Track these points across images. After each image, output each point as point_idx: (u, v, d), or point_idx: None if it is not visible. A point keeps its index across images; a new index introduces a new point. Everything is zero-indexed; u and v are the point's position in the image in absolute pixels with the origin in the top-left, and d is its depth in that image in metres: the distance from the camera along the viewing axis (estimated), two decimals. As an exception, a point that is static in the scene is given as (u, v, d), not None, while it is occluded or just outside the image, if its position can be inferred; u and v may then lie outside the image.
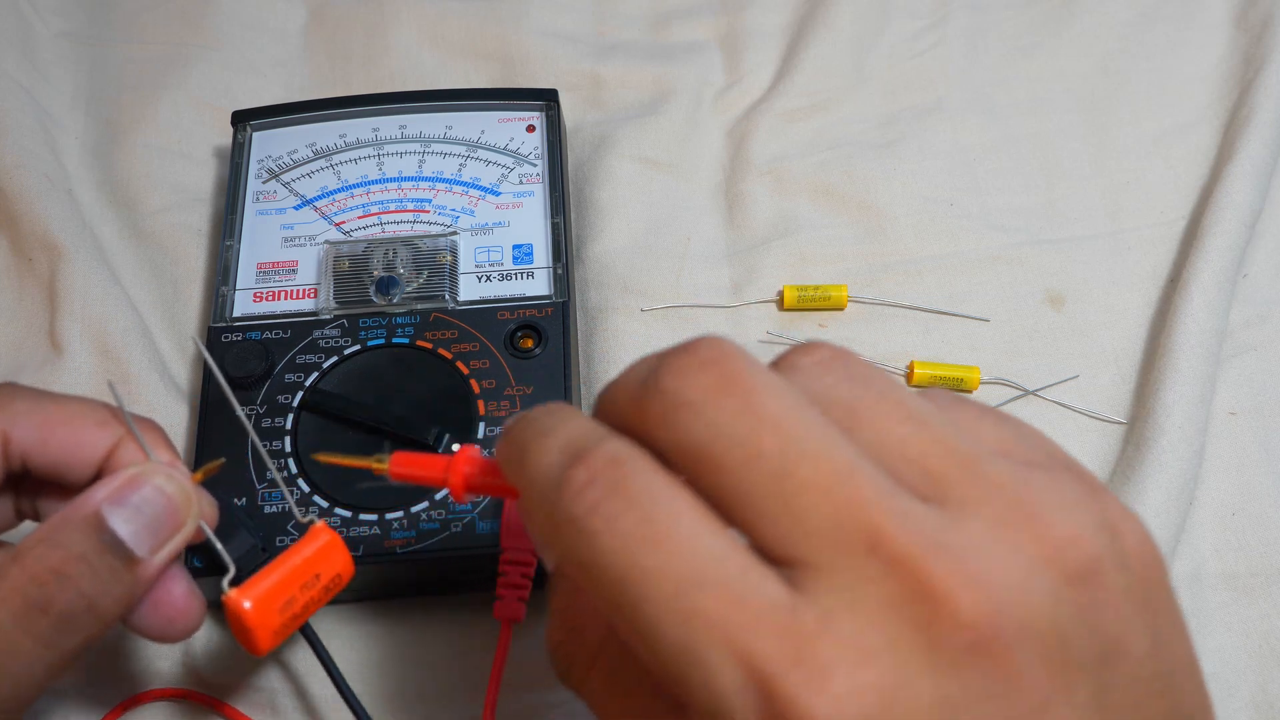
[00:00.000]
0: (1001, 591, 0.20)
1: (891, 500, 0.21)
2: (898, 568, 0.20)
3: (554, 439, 0.24)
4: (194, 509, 0.31)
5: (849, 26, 0.56)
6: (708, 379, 0.22)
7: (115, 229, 0.50)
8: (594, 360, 0.47)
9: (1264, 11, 0.55)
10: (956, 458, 0.22)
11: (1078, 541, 0.21)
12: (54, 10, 0.57)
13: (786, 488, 0.21)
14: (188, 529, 0.31)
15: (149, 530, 0.30)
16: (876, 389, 0.23)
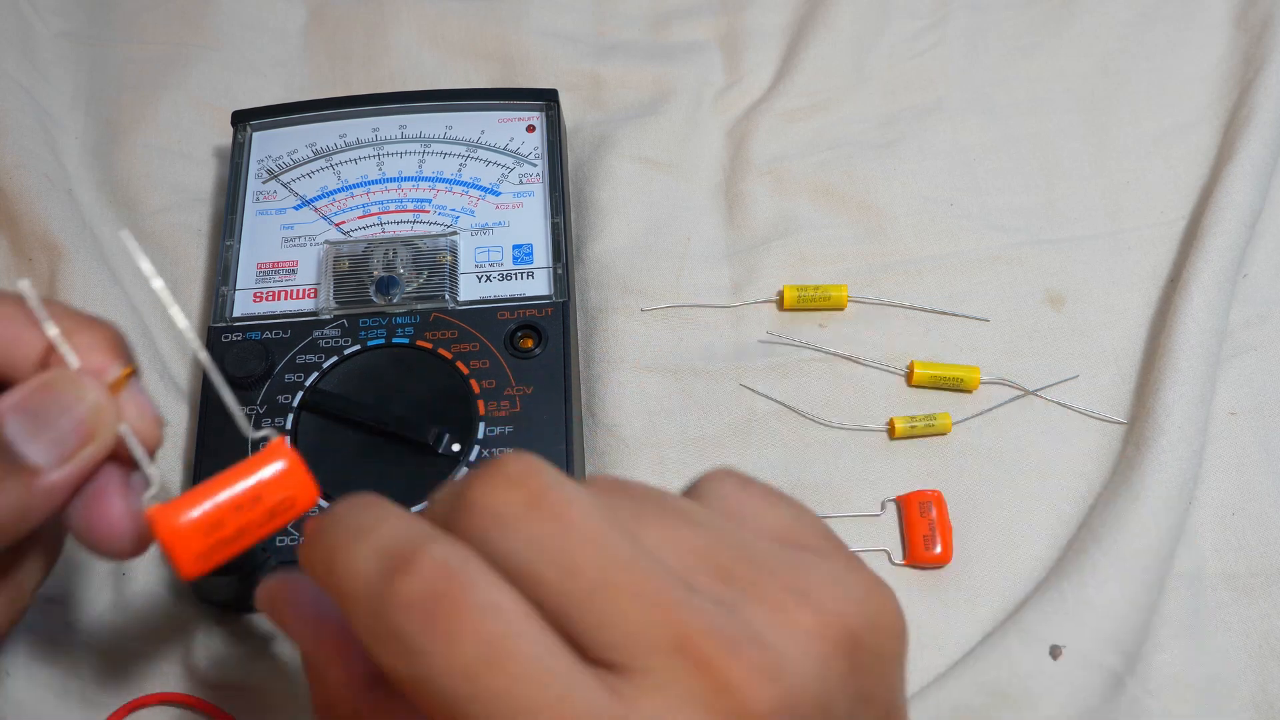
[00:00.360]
0: (785, 676, 0.22)
1: (691, 600, 0.22)
2: (702, 666, 0.22)
3: (370, 541, 0.23)
4: (109, 421, 0.29)
5: (849, 26, 0.56)
6: (519, 496, 0.23)
7: (115, 229, 0.50)
8: (594, 360, 0.47)
9: (1264, 11, 0.55)
10: (734, 552, 0.24)
11: (843, 616, 0.23)
12: (54, 10, 0.57)
13: (604, 598, 0.22)
14: (100, 442, 0.29)
15: (51, 440, 0.28)
16: (654, 502, 0.25)
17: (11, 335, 0.30)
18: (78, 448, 0.29)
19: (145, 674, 0.40)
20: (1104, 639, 0.39)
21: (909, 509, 0.43)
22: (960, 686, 0.38)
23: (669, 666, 0.22)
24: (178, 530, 0.27)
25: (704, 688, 0.22)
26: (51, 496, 0.29)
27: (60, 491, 0.29)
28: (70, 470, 0.29)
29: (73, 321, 0.30)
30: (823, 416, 0.46)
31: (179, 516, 0.27)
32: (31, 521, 0.29)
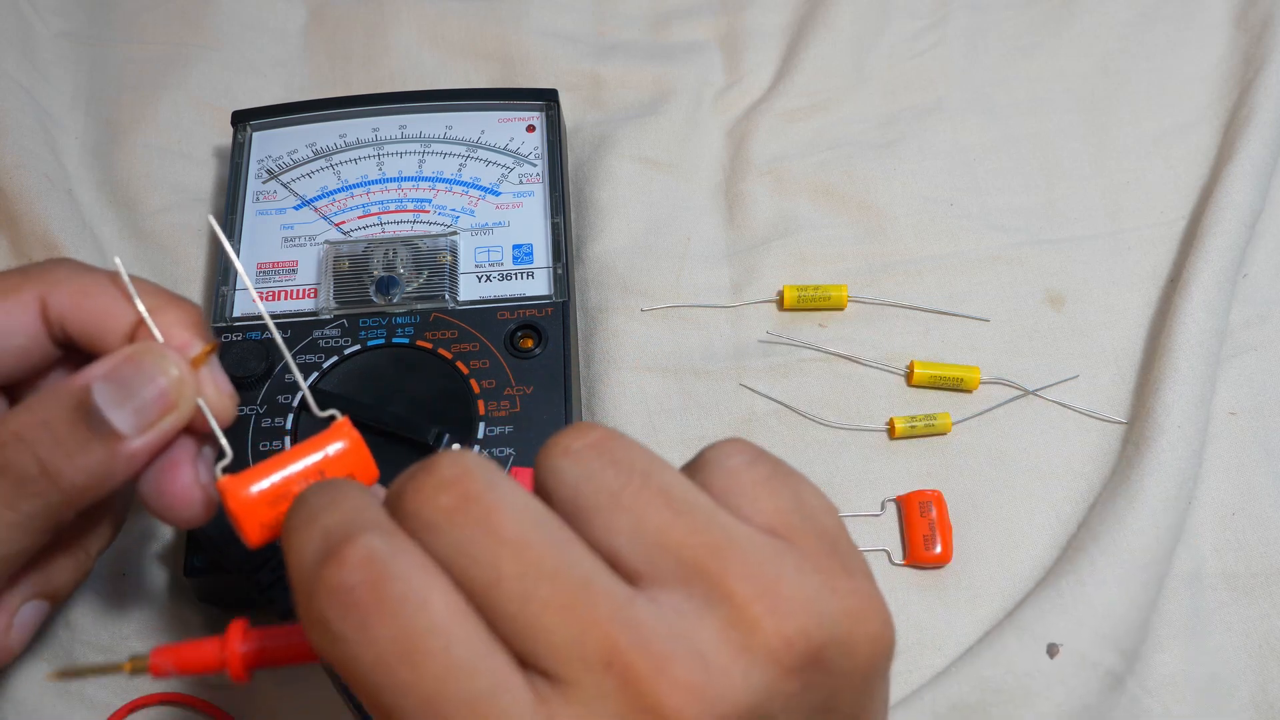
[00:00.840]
0: (719, 697, 0.21)
1: (626, 612, 0.22)
2: (629, 683, 0.21)
3: (316, 526, 0.24)
4: (189, 394, 0.30)
5: (849, 26, 0.56)
6: (447, 500, 0.23)
7: (115, 229, 0.50)
8: (594, 360, 0.47)
9: (1264, 11, 0.55)
10: (708, 547, 0.23)
11: (806, 630, 0.22)
12: (54, 10, 0.57)
13: (529, 608, 0.22)
14: (180, 413, 0.30)
15: (135, 409, 0.30)
16: (640, 475, 0.24)
17: (103, 308, 0.32)
18: (159, 417, 0.30)
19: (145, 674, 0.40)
20: (1102, 638, 0.39)
21: (909, 509, 0.43)
22: (959, 685, 0.38)
23: (596, 681, 0.21)
24: (246, 501, 0.28)
25: (629, 705, 0.21)
26: (131, 462, 0.30)
27: (140, 458, 0.30)
28: (150, 438, 0.30)
29: (160, 299, 0.32)
30: (823, 416, 0.46)
31: (248, 488, 0.28)
32: (111, 485, 0.30)
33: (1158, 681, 0.40)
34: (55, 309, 0.32)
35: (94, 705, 0.40)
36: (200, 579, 0.39)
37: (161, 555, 0.42)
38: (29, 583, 0.33)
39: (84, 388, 0.29)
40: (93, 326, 0.32)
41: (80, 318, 0.32)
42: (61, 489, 0.30)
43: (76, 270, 0.33)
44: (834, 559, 0.24)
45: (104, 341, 0.32)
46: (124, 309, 0.32)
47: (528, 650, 0.22)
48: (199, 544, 0.39)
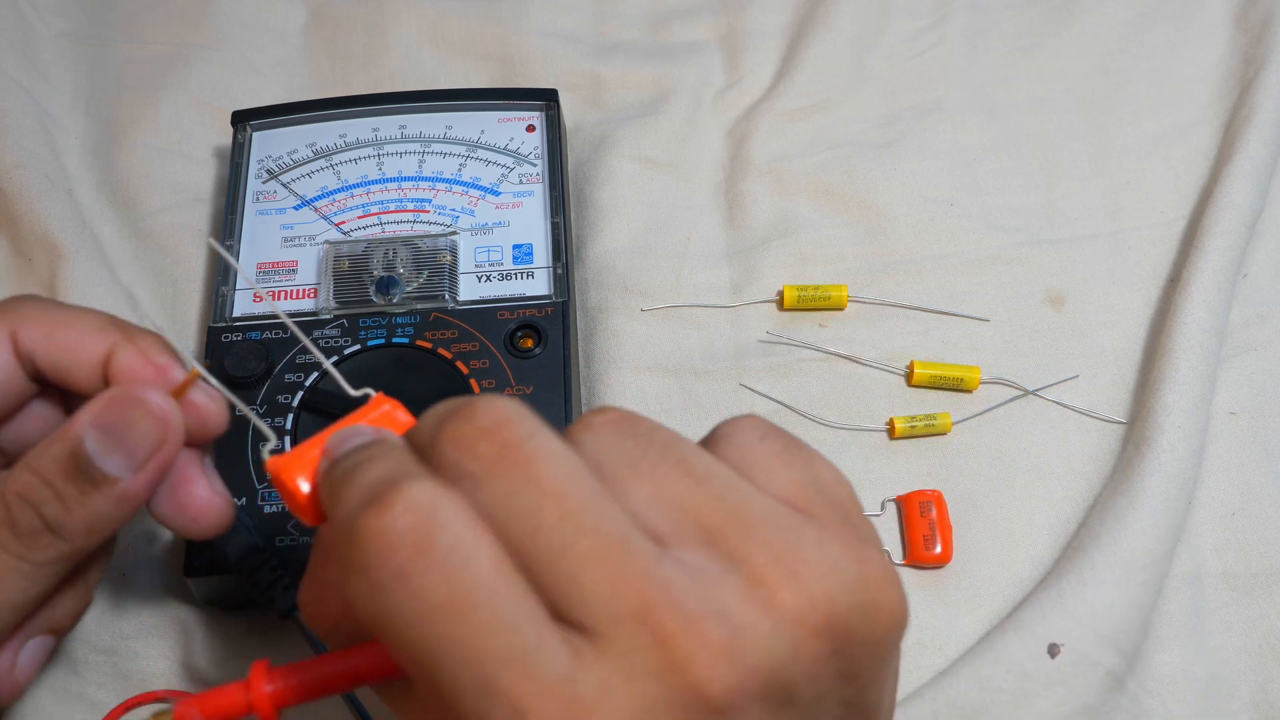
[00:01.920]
0: (747, 658, 0.21)
1: (659, 569, 0.22)
2: (661, 639, 0.21)
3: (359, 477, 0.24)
4: (176, 426, 0.31)
5: (849, 26, 0.56)
6: (487, 449, 0.23)
7: (115, 229, 0.50)
8: (594, 360, 0.47)
9: (1264, 11, 0.55)
10: (728, 514, 0.23)
11: (829, 597, 0.22)
12: (54, 10, 0.57)
13: (568, 560, 0.22)
14: (170, 445, 0.31)
15: (126, 452, 0.30)
16: (659, 446, 0.24)
17: (71, 343, 0.33)
18: (150, 455, 0.31)
19: (145, 674, 0.40)
20: (1103, 638, 0.39)
21: (909, 509, 0.43)
22: (959, 684, 0.38)
23: (630, 635, 0.21)
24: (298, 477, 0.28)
25: (659, 662, 0.21)
26: (131, 502, 0.31)
27: (140, 495, 0.31)
28: (146, 476, 0.31)
29: (128, 332, 0.33)
30: (823, 416, 0.46)
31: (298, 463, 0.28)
32: (117, 524, 0.31)
33: (1158, 681, 0.40)
34: (25, 344, 0.33)
35: (94, 705, 0.40)
36: (200, 579, 0.39)
37: (161, 555, 0.42)
38: (34, 621, 0.34)
39: (75, 438, 0.30)
40: (62, 361, 0.33)
41: (50, 353, 0.33)
42: (68, 539, 0.31)
43: (44, 306, 0.33)
44: (849, 530, 0.24)
45: (73, 375, 0.33)
46: (93, 341, 0.32)
47: (563, 603, 0.22)
48: (199, 544, 0.39)
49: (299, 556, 0.39)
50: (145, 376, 0.32)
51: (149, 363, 0.32)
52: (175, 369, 0.33)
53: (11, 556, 0.30)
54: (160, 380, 0.32)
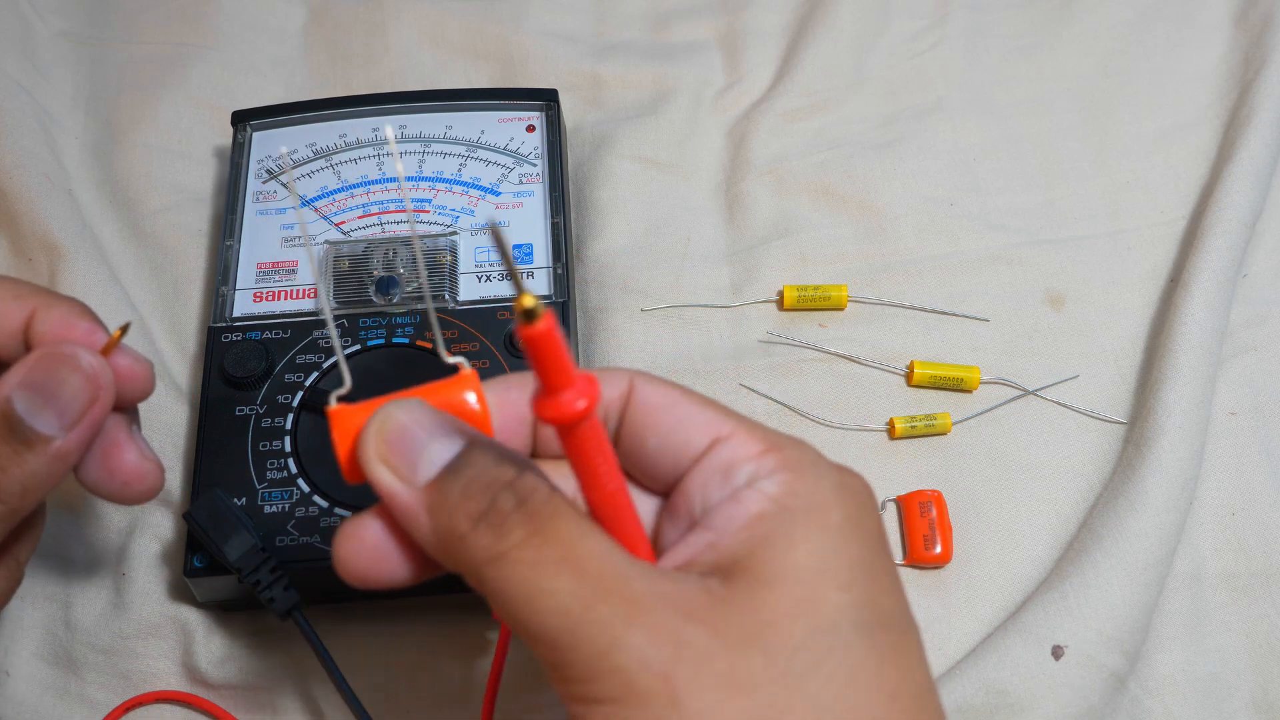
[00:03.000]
0: None
1: None
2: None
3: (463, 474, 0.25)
4: (106, 383, 0.31)
5: (849, 26, 0.56)
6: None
7: (115, 229, 0.50)
8: (594, 360, 0.47)
9: (1264, 11, 0.55)
10: None
11: None
12: (54, 10, 0.57)
13: None
14: (102, 402, 0.31)
15: (57, 410, 0.30)
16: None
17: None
18: (82, 412, 0.31)
19: (145, 673, 0.40)
20: (1106, 639, 0.39)
21: (909, 509, 0.43)
22: (962, 686, 0.38)
23: None
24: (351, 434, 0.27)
25: None
26: (65, 460, 0.31)
27: (73, 454, 0.31)
28: (78, 434, 0.31)
29: (47, 297, 0.33)
30: (823, 416, 0.46)
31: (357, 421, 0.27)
32: (51, 484, 0.31)
33: (1158, 682, 0.40)
34: None
35: (94, 705, 0.40)
36: (200, 579, 0.39)
37: (161, 555, 0.42)
38: None
39: (4, 399, 0.30)
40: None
41: None
42: (4, 500, 0.31)
43: None
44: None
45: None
46: (11, 309, 0.32)
47: None
48: (199, 544, 0.39)
49: (299, 556, 0.39)
50: (69, 339, 0.32)
51: (72, 326, 0.32)
52: (98, 333, 0.33)
53: None
54: (85, 343, 0.32)
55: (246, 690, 0.40)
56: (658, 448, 0.28)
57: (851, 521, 0.26)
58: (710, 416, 0.29)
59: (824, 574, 0.25)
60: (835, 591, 0.25)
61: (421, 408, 0.27)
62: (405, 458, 0.26)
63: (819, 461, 0.28)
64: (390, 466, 0.26)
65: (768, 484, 0.27)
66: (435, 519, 0.25)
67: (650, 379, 0.29)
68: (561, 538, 0.24)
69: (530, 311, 0.23)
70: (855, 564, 0.26)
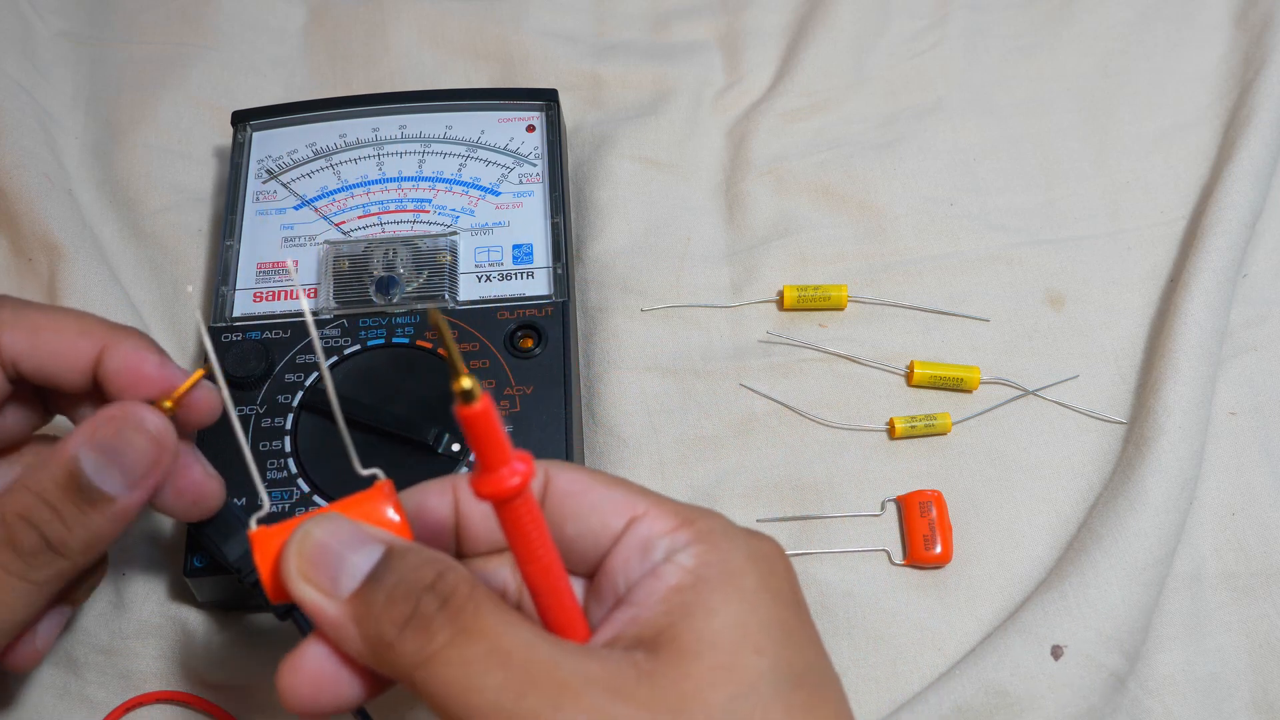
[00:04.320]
0: None
1: None
2: None
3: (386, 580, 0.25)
4: (170, 444, 0.32)
5: (849, 26, 0.56)
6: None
7: (115, 229, 0.50)
8: (594, 360, 0.47)
9: (1264, 11, 0.55)
10: None
11: None
12: (54, 10, 0.57)
13: None
14: (165, 463, 0.32)
15: (123, 470, 0.31)
16: None
17: (57, 348, 0.33)
18: (146, 473, 0.31)
19: (145, 674, 0.40)
20: (1106, 639, 0.39)
21: (909, 509, 0.43)
22: (962, 686, 0.38)
23: None
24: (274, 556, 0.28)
25: None
26: (127, 516, 0.32)
27: (134, 511, 0.32)
28: (141, 492, 0.31)
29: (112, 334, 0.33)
30: (823, 416, 0.46)
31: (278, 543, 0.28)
32: (109, 541, 0.32)
33: (1158, 682, 0.40)
34: (8, 350, 0.33)
35: (94, 705, 0.40)
36: (200, 579, 0.39)
37: (161, 555, 0.42)
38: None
39: (72, 459, 0.30)
40: (49, 366, 0.33)
41: (35, 358, 0.33)
42: (68, 556, 0.31)
43: (21, 310, 0.33)
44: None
45: (61, 379, 0.33)
46: (79, 345, 0.33)
47: None
48: (199, 544, 0.39)
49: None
50: (140, 379, 0.32)
51: (142, 361, 0.33)
52: (168, 366, 0.33)
53: (13, 576, 0.31)
54: (156, 382, 0.33)
55: (246, 690, 0.40)
56: (577, 532, 0.29)
57: (765, 585, 0.27)
58: (624, 497, 0.29)
59: (742, 639, 0.26)
60: (753, 655, 0.26)
61: (338, 521, 0.27)
62: (327, 572, 0.26)
63: (730, 530, 0.29)
64: (313, 583, 0.26)
65: (683, 556, 0.27)
66: (363, 629, 0.26)
67: (563, 467, 0.30)
68: (487, 632, 0.25)
69: (468, 392, 0.24)
70: (771, 625, 0.27)
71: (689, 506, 0.29)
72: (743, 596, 0.27)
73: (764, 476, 0.44)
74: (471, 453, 0.40)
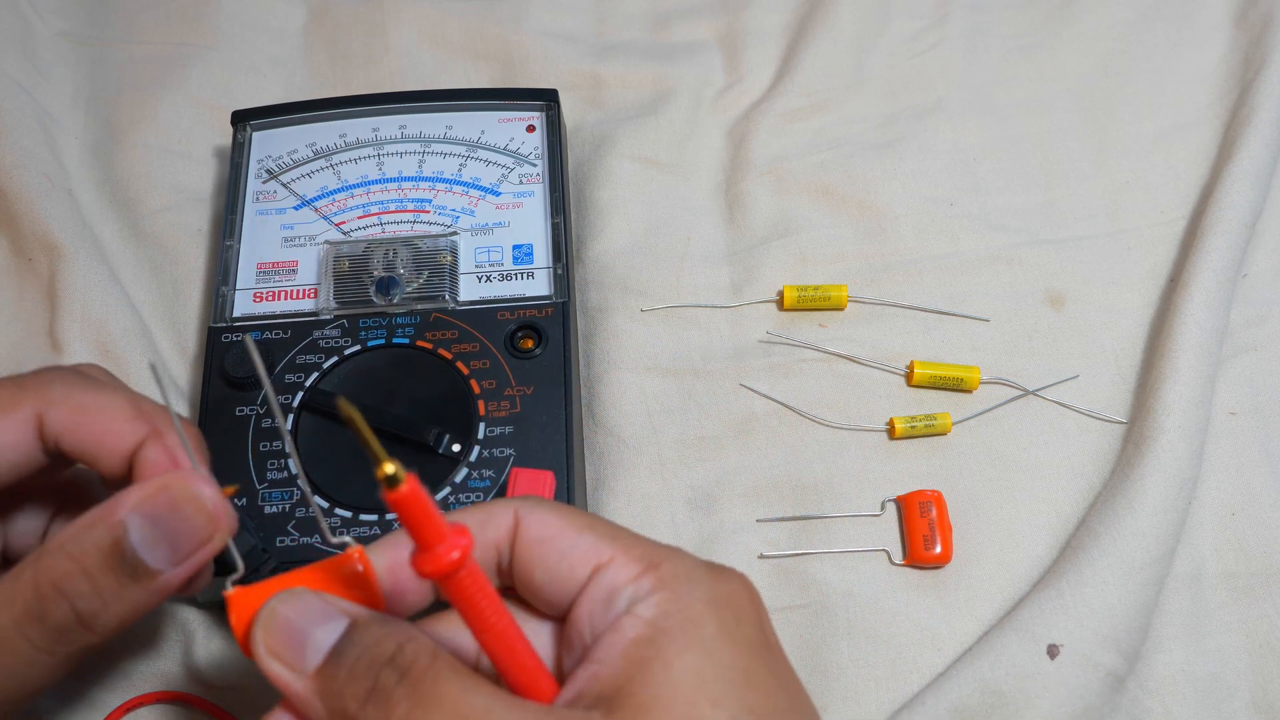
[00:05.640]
0: None
1: None
2: None
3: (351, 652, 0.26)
4: (225, 525, 0.30)
5: (849, 26, 0.56)
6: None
7: (115, 229, 0.50)
8: (594, 360, 0.47)
9: (1264, 11, 0.55)
10: None
11: None
12: (54, 10, 0.57)
13: None
14: (214, 545, 0.30)
15: (170, 544, 0.29)
16: None
17: (101, 429, 0.32)
18: (193, 551, 0.30)
19: (145, 674, 0.40)
20: (1103, 639, 0.39)
21: (909, 509, 0.43)
22: (960, 687, 0.38)
23: None
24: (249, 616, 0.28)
25: None
26: (166, 593, 0.30)
27: (174, 589, 0.30)
28: (185, 571, 0.30)
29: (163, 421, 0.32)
30: (823, 416, 0.46)
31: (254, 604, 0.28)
32: (142, 615, 0.30)
33: (1158, 682, 0.40)
34: (52, 426, 0.32)
35: (94, 705, 0.40)
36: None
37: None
38: None
39: (119, 525, 0.29)
40: (91, 447, 0.32)
41: (78, 437, 0.32)
42: (98, 632, 0.29)
43: (71, 387, 0.32)
44: None
45: (101, 461, 0.32)
46: (125, 430, 0.32)
47: None
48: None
49: (299, 557, 0.39)
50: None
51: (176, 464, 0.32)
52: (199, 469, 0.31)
53: (40, 652, 0.29)
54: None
55: (246, 690, 0.40)
56: (544, 580, 0.29)
57: (725, 631, 0.27)
58: (590, 544, 0.29)
59: (699, 690, 0.26)
60: (708, 708, 0.26)
61: (304, 596, 0.27)
62: (292, 649, 0.27)
63: (694, 574, 0.28)
64: (279, 659, 0.27)
65: (644, 607, 0.27)
66: (327, 703, 0.26)
67: (536, 507, 0.29)
68: (445, 701, 0.25)
69: (392, 478, 0.24)
70: (730, 674, 0.26)
71: (656, 548, 0.29)
72: (702, 645, 0.26)
73: (764, 476, 0.44)
74: (464, 460, 0.40)
